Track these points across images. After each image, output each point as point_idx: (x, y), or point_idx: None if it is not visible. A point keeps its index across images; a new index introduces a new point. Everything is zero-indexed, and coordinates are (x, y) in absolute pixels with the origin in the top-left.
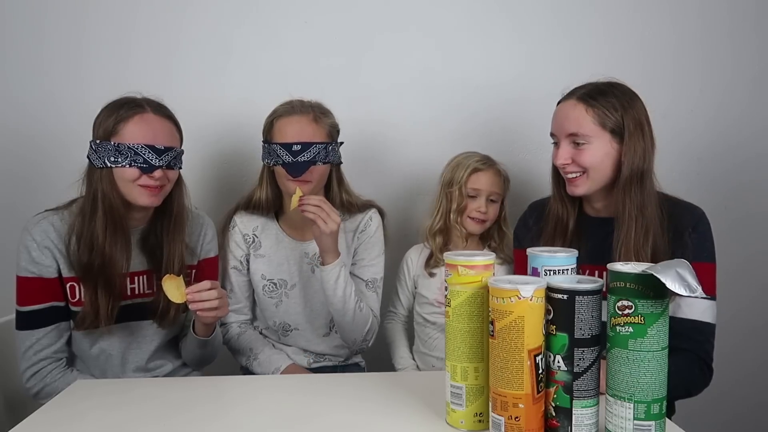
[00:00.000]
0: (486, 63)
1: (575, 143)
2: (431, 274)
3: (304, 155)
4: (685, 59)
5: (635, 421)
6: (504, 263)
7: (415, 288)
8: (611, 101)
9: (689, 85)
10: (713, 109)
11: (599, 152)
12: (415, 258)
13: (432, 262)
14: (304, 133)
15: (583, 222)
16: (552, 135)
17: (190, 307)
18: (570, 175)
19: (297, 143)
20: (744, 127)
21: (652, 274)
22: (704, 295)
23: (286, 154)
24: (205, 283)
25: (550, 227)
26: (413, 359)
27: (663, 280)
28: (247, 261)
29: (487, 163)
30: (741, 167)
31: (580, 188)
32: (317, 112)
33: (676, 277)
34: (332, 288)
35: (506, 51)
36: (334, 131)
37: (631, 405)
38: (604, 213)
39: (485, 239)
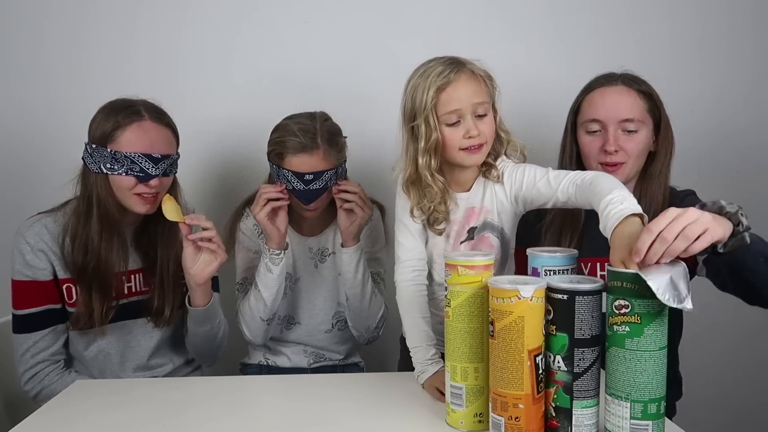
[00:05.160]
0: (486, 61)
1: (624, 130)
2: (438, 232)
3: (316, 183)
4: (685, 59)
5: (632, 421)
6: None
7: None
8: (652, 89)
9: (689, 86)
10: (713, 109)
11: (645, 140)
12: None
13: (432, 219)
14: (317, 167)
15: (589, 213)
16: (593, 122)
17: (188, 237)
18: (613, 165)
19: (309, 173)
20: (744, 126)
21: (643, 278)
22: (691, 308)
23: (298, 182)
24: (202, 215)
25: (559, 220)
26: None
27: (651, 285)
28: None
29: (454, 69)
30: (741, 167)
31: (620, 176)
32: (326, 145)
33: (668, 286)
34: (353, 271)
35: (508, 49)
36: (344, 154)
37: (628, 404)
38: None
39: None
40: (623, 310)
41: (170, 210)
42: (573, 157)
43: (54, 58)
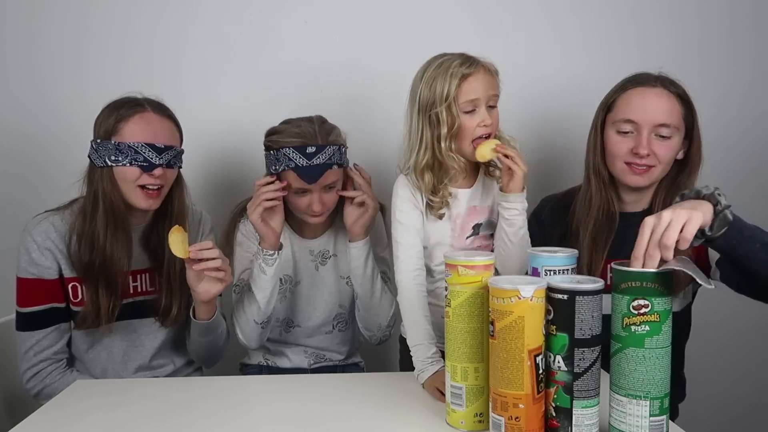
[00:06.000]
0: (489, 60)
1: (659, 135)
2: (440, 216)
3: (319, 157)
4: (684, 59)
5: (651, 418)
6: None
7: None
8: (689, 99)
9: (689, 86)
10: (713, 110)
11: (677, 147)
12: (405, 192)
13: (435, 203)
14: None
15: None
16: (626, 122)
17: (193, 267)
18: (642, 167)
19: (311, 145)
20: (744, 126)
21: (668, 271)
22: (713, 287)
23: (300, 158)
24: (208, 243)
25: (593, 222)
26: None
27: (695, 277)
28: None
29: (473, 63)
30: (740, 167)
31: (646, 179)
32: (326, 136)
33: (699, 272)
34: (362, 266)
35: (507, 50)
36: (344, 142)
37: (647, 402)
38: (630, 207)
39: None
40: (643, 310)
41: (176, 242)
42: (600, 154)
43: (55, 58)
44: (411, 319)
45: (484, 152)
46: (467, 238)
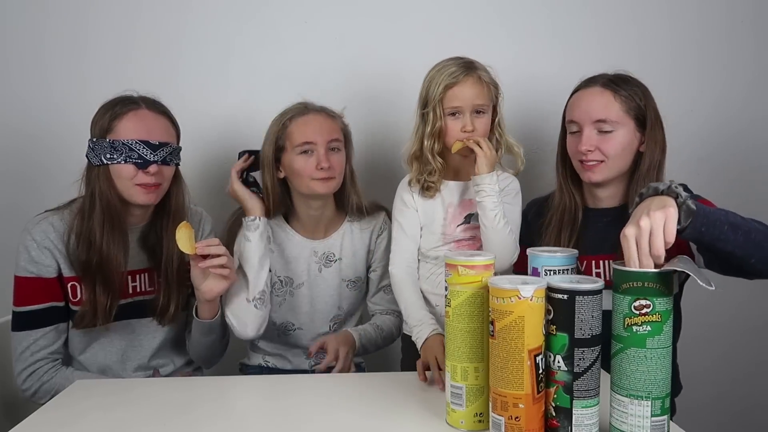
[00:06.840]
0: (488, 62)
1: (600, 130)
2: (431, 196)
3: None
4: (684, 59)
5: (653, 418)
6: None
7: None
8: (636, 90)
9: (688, 86)
10: (712, 110)
11: (624, 140)
12: (405, 194)
13: (425, 185)
14: (323, 125)
15: (584, 212)
16: (571, 123)
17: (199, 265)
18: (590, 162)
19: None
20: (743, 126)
21: (670, 271)
22: (713, 288)
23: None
24: (214, 239)
25: (557, 219)
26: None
27: (697, 278)
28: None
29: (464, 72)
30: (741, 167)
31: (598, 175)
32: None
33: (700, 272)
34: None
35: (506, 50)
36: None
37: (649, 403)
38: (606, 203)
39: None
40: (644, 310)
41: (183, 238)
42: (561, 155)
43: (56, 58)
44: (404, 300)
45: (456, 144)
46: (458, 226)
